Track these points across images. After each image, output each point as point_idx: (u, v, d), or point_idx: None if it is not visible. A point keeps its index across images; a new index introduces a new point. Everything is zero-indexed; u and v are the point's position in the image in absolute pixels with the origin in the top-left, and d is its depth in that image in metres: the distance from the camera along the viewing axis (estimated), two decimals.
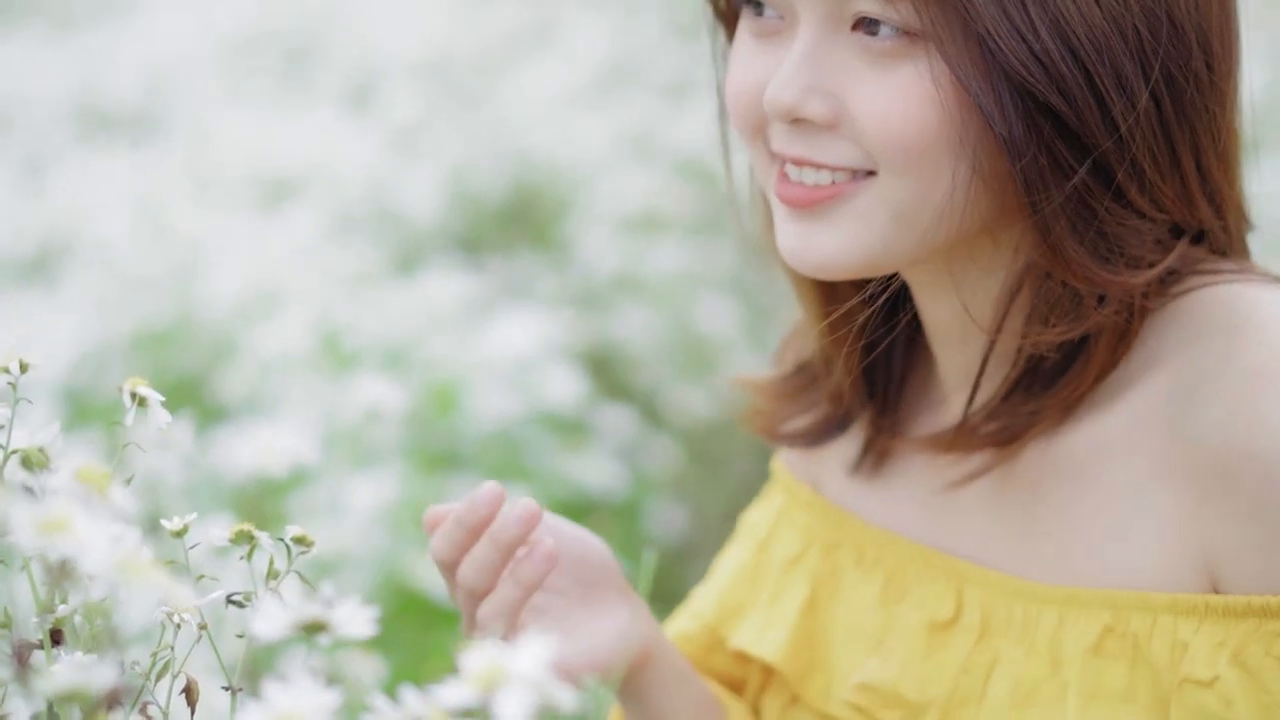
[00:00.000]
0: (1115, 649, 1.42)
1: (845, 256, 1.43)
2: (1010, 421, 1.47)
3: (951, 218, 1.41)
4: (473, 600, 1.49)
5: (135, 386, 1.17)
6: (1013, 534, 1.51)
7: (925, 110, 1.38)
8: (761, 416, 1.70)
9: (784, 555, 1.67)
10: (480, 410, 3.33)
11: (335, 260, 3.69)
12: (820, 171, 1.42)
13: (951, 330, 1.53)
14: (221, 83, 5.12)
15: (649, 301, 4.16)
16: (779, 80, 1.41)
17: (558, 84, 4.80)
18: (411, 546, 2.98)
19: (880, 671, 1.54)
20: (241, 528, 1.18)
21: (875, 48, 1.39)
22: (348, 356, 3.37)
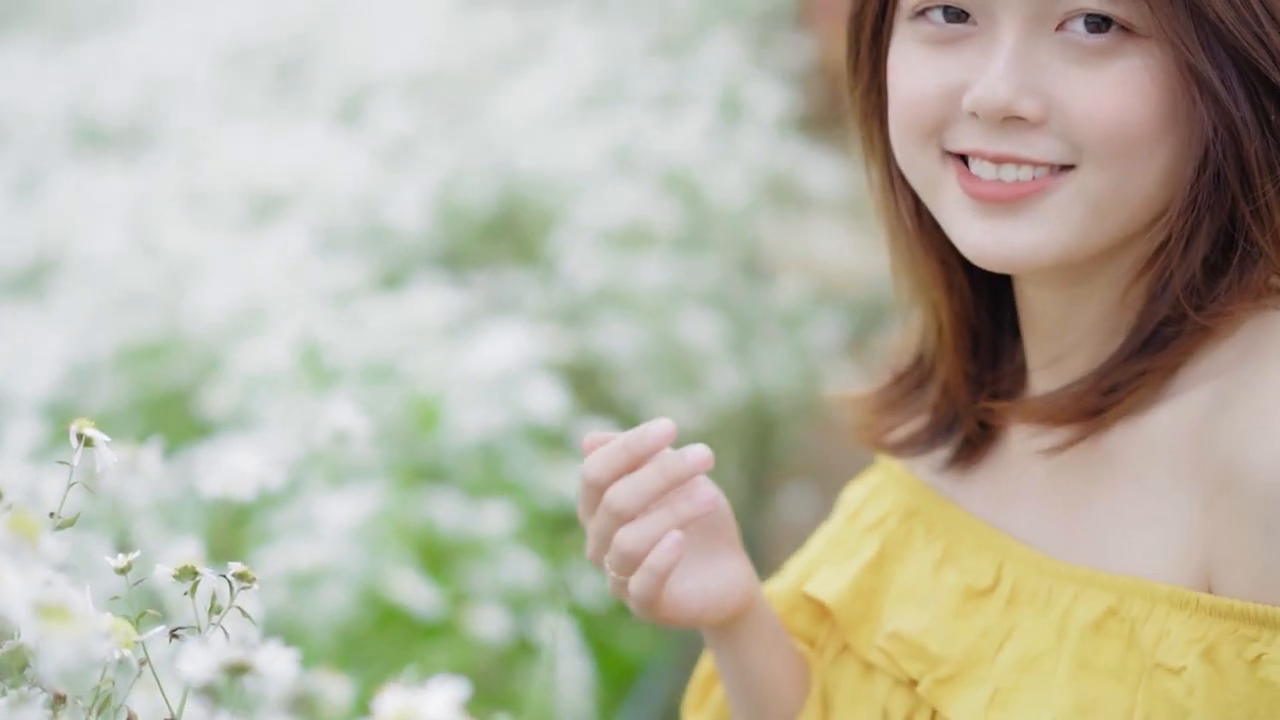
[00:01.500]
0: (1114, 629, 1.50)
1: (1042, 250, 1.51)
2: (1125, 384, 1.55)
3: (1134, 210, 1.50)
4: (616, 522, 1.59)
5: (82, 428, 1.22)
6: (1059, 518, 1.60)
7: (1138, 103, 1.46)
8: (866, 429, 1.78)
9: (868, 520, 1.77)
10: (462, 424, 3.37)
11: (322, 275, 3.73)
12: (1021, 168, 1.50)
13: (1051, 316, 1.61)
14: (214, 97, 5.15)
15: (633, 315, 4.19)
16: (990, 80, 1.48)
17: (545, 99, 4.84)
18: (391, 561, 3.02)
19: (911, 624, 1.64)
20: (185, 564, 1.22)
21: (1085, 44, 1.48)
22: (332, 372, 3.41)
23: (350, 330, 3.50)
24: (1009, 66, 1.48)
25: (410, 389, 3.43)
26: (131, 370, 3.60)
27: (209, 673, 1.04)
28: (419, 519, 3.22)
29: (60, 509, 1.17)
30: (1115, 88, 1.47)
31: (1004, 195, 1.50)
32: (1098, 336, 1.59)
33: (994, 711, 1.55)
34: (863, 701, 1.69)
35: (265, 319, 3.55)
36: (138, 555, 1.25)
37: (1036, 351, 1.65)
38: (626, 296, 4.22)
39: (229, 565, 1.27)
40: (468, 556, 3.24)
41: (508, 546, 3.25)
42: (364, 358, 3.45)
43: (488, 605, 3.13)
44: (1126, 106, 1.47)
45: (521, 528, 3.33)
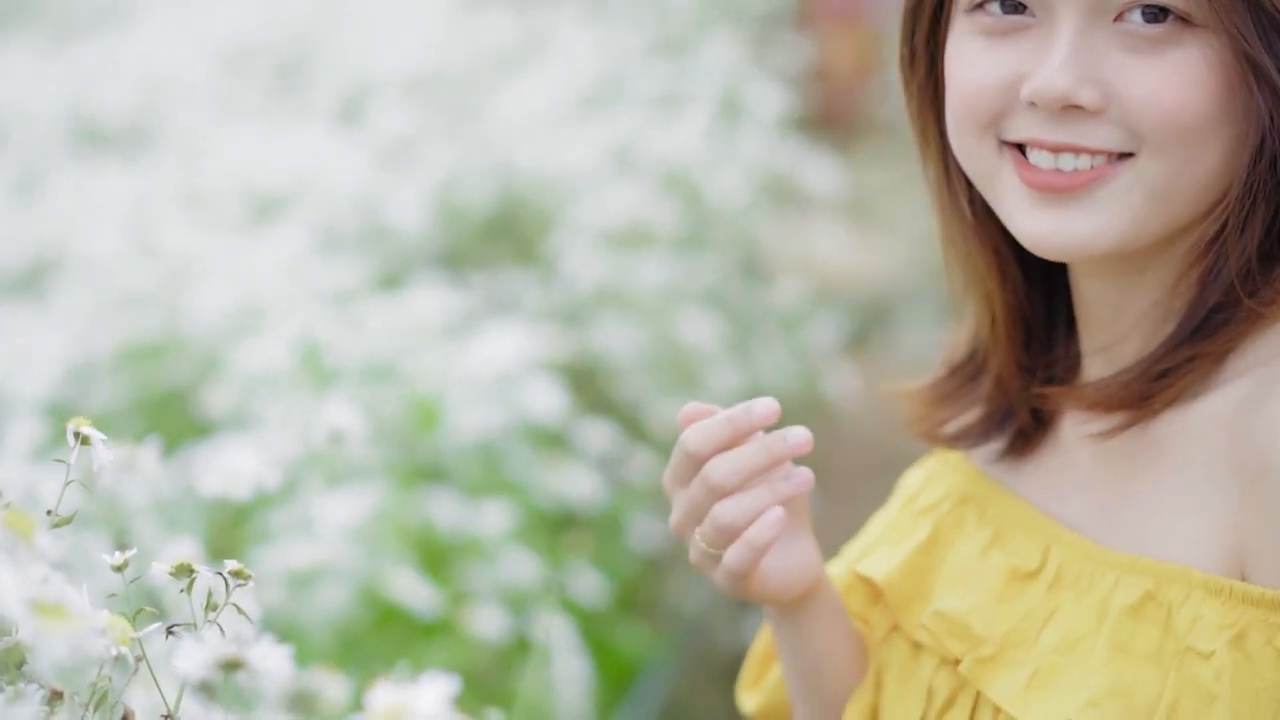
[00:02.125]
0: (1152, 614, 1.53)
1: (1100, 238, 1.54)
2: (1175, 370, 1.58)
3: (1191, 197, 1.53)
4: (714, 495, 1.60)
5: (79, 426, 1.22)
6: (1104, 505, 1.63)
7: (1195, 92, 1.49)
8: (922, 421, 1.81)
9: (923, 504, 1.79)
10: (462, 424, 3.38)
11: (322, 276, 3.74)
12: (1079, 157, 1.53)
13: (1104, 304, 1.64)
14: (214, 98, 5.16)
15: (632, 315, 4.21)
16: (1049, 70, 1.51)
17: (544, 99, 4.85)
18: (390, 560, 3.03)
19: (956, 603, 1.67)
20: (182, 561, 1.22)
21: (1142, 34, 1.51)
22: (332, 372, 3.42)
23: (350, 330, 3.51)
24: (1068, 56, 1.51)
25: (410, 389, 3.44)
26: (131, 370, 3.61)
27: (204, 669, 1.05)
28: (418, 518, 3.23)
29: (58, 508, 1.18)
30: (1173, 76, 1.50)
31: (1062, 184, 1.53)
32: (1150, 324, 1.62)
33: (1033, 692, 1.58)
34: (911, 680, 1.72)
35: (265, 319, 3.56)
36: (135, 553, 1.26)
37: (1089, 339, 1.68)
38: (626, 296, 4.23)
39: (225, 563, 1.28)
40: (467, 556, 3.25)
41: (506, 546, 3.26)
42: (363, 358, 3.46)
43: (487, 604, 3.15)
44: (1184, 95, 1.50)
45: (520, 527, 3.34)
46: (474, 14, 5.84)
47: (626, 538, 3.85)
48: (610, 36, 5.57)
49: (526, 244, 4.52)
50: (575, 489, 3.57)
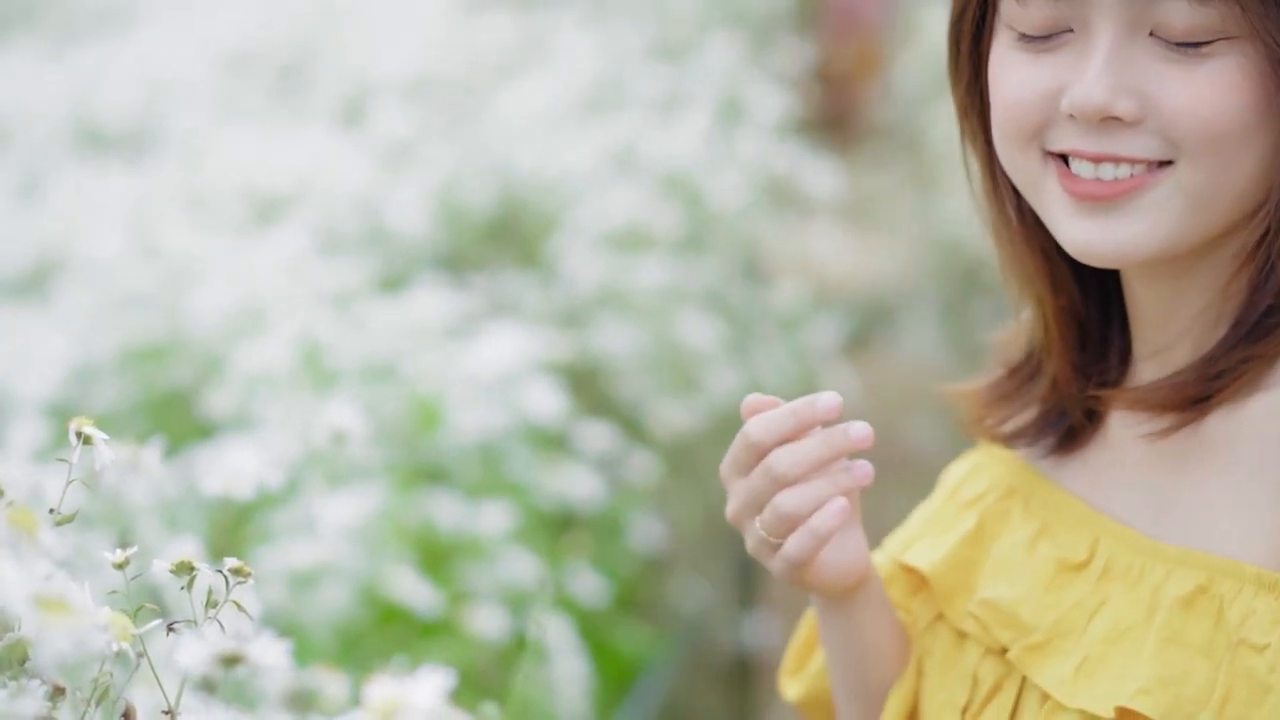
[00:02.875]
0: (1204, 607, 1.57)
1: (1143, 244, 1.58)
2: (1229, 371, 1.61)
3: (1229, 203, 1.57)
4: (776, 485, 1.63)
5: (81, 425, 1.24)
6: (1153, 500, 1.66)
7: (1231, 100, 1.53)
8: (978, 421, 1.84)
9: (967, 496, 1.83)
10: (462, 424, 3.39)
11: (323, 277, 3.75)
12: (1119, 166, 1.56)
13: (1155, 312, 1.67)
14: (215, 100, 5.18)
15: (632, 317, 4.22)
16: (1087, 83, 1.55)
17: (545, 101, 4.87)
18: (391, 560, 3.05)
19: (1005, 593, 1.70)
20: (182, 559, 1.24)
21: (1176, 49, 1.54)
22: (333, 373, 3.43)
23: (351, 331, 3.53)
24: (1105, 69, 1.55)
25: (410, 390, 3.45)
26: (133, 371, 3.63)
27: (204, 664, 1.06)
28: (419, 518, 3.24)
29: (60, 506, 1.20)
30: (1209, 85, 1.53)
31: (1104, 193, 1.57)
32: (1201, 326, 1.64)
33: (1081, 679, 1.61)
34: (954, 669, 1.75)
35: (266, 320, 3.57)
36: (136, 551, 1.27)
37: (1142, 342, 1.71)
38: (626, 298, 4.24)
39: (225, 560, 1.29)
40: (467, 556, 3.26)
41: (507, 546, 3.27)
42: (364, 359, 3.47)
43: (487, 604, 3.16)
44: (1220, 104, 1.53)
45: (520, 528, 3.36)
46: (474, 16, 5.85)
47: (626, 538, 3.87)
48: (610, 39, 5.59)
49: (527, 245, 4.53)
50: (575, 489, 3.58)
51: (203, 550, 1.91)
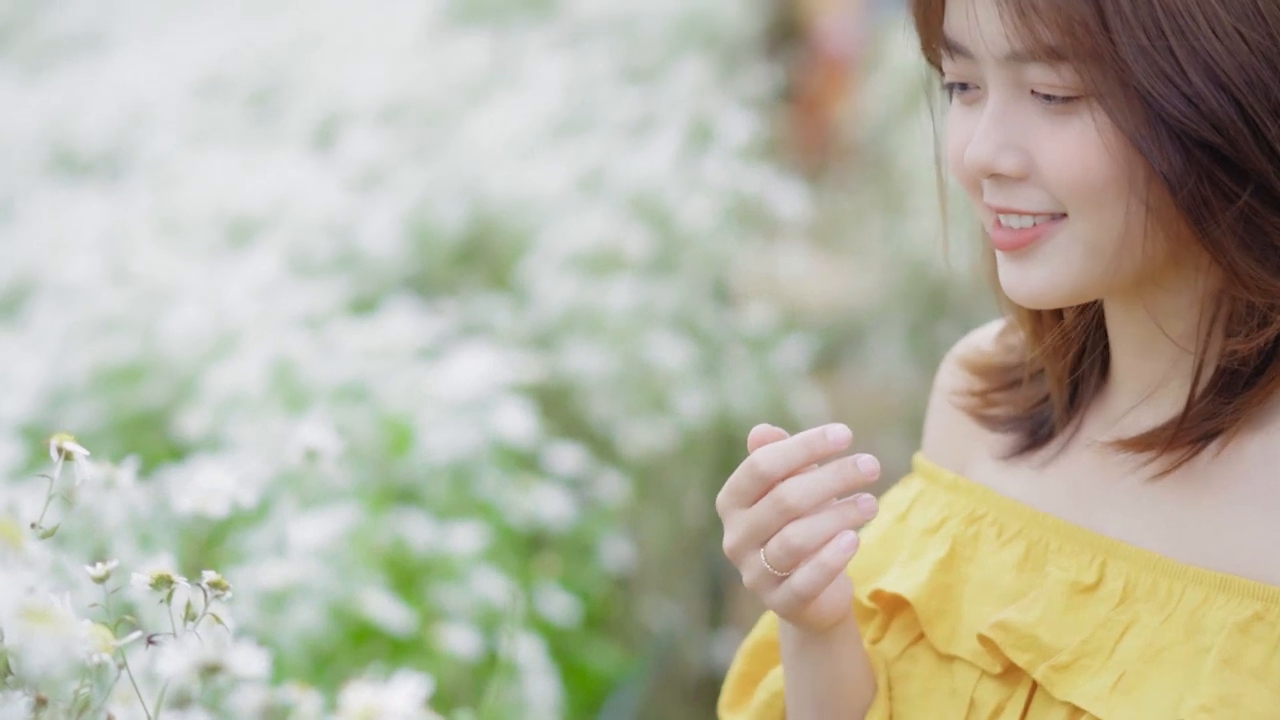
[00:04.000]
0: (1261, 633, 1.58)
1: (1053, 289, 1.61)
2: (1218, 418, 1.63)
3: (1134, 250, 1.58)
4: (785, 517, 1.61)
5: (63, 442, 1.27)
6: (1166, 520, 1.67)
7: (1097, 158, 1.55)
8: (975, 395, 1.85)
9: (922, 524, 1.83)
10: (434, 445, 3.42)
11: (295, 299, 3.78)
12: (1022, 217, 1.60)
13: (1139, 343, 1.69)
14: (188, 125, 5.20)
15: (602, 339, 4.25)
16: (974, 141, 1.60)
17: (515, 125, 4.90)
18: (363, 579, 3.07)
19: (1020, 616, 1.70)
20: (161, 573, 1.27)
21: (1051, 106, 1.57)
22: (305, 394, 3.46)
23: (322, 353, 3.55)
24: (990, 127, 1.59)
25: (382, 411, 3.48)
26: (107, 392, 3.65)
27: (185, 672, 1.09)
28: (391, 538, 3.27)
29: (41, 520, 1.22)
30: (1075, 144, 1.56)
31: (1009, 242, 1.61)
32: (1184, 369, 1.66)
33: (1119, 696, 1.62)
34: (937, 692, 1.76)
35: (238, 342, 3.60)
36: (116, 565, 1.30)
37: (1128, 373, 1.73)
38: (596, 320, 4.27)
39: (204, 574, 1.32)
40: (438, 575, 3.29)
41: (478, 566, 3.30)
42: (336, 380, 3.49)
43: (458, 623, 3.19)
44: (1085, 162, 1.55)
45: (491, 547, 3.39)
46: (445, 42, 5.89)
47: (596, 558, 3.89)
48: (580, 63, 5.62)
49: (497, 268, 4.56)
50: (545, 509, 3.61)
51: (176, 569, 1.94)
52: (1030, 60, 1.56)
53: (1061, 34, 1.54)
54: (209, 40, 6.00)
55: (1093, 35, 1.53)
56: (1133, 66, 1.52)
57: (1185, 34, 1.52)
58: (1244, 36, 1.52)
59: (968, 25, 1.60)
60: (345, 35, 6.00)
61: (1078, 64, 1.54)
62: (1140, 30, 1.52)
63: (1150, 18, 1.52)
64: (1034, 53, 1.55)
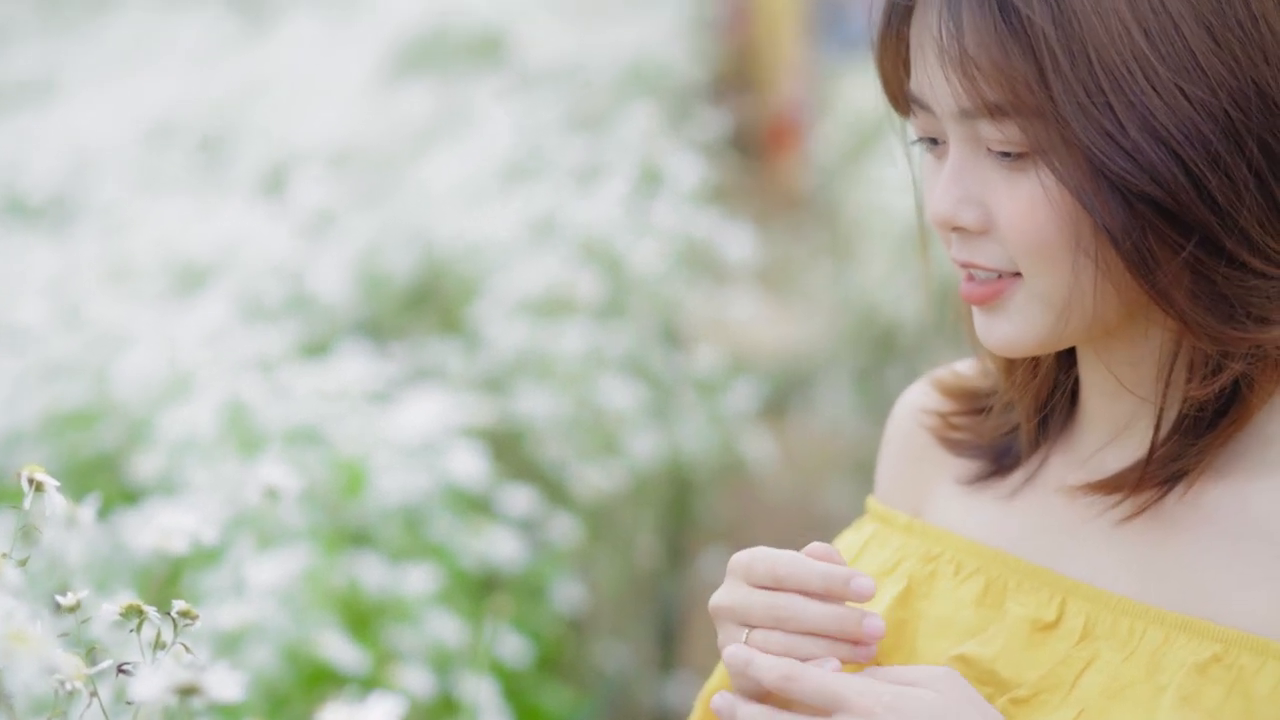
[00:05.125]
0: (1219, 675, 1.59)
1: (1019, 341, 1.64)
2: (1183, 460, 1.64)
3: (1086, 305, 1.60)
4: (770, 621, 1.59)
5: (33, 473, 1.28)
6: (1131, 561, 1.68)
7: (1044, 214, 1.57)
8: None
9: (876, 566, 1.83)
10: (386, 488, 3.43)
11: (246, 344, 3.79)
12: (987, 272, 1.63)
13: (1105, 387, 1.71)
14: (137, 171, 5.21)
15: (553, 382, 4.27)
16: (936, 196, 1.63)
17: (465, 171, 4.92)
18: (317, 621, 3.08)
19: (980, 650, 1.71)
20: (131, 603, 1.28)
21: (1005, 163, 1.59)
22: (257, 438, 3.46)
23: (275, 396, 3.56)
24: (949, 181, 1.62)
25: (334, 454, 3.49)
26: (58, 437, 3.65)
27: (160, 696, 1.10)
28: (345, 580, 3.27)
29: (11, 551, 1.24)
30: (1025, 201, 1.58)
31: (976, 296, 1.64)
32: (1152, 411, 1.67)
33: None
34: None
35: (191, 386, 3.60)
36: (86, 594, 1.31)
37: (1097, 412, 1.74)
38: (546, 363, 4.29)
39: (173, 604, 1.33)
40: (392, 617, 3.30)
41: (431, 607, 3.31)
42: (288, 424, 3.50)
43: (412, 664, 3.19)
44: (1035, 218, 1.57)
45: (444, 589, 3.40)
46: (393, 88, 5.91)
47: (548, 600, 3.91)
48: (529, 109, 5.66)
49: (448, 312, 4.58)
50: (498, 551, 3.62)
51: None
52: (979, 117, 1.59)
53: (1004, 92, 1.56)
54: (158, 87, 6.01)
55: (1034, 93, 1.55)
56: (1073, 123, 1.54)
57: (1123, 90, 1.54)
58: (1183, 91, 1.54)
59: (927, 83, 1.63)
60: (294, 82, 6.02)
61: (1021, 121, 1.56)
62: (1079, 87, 1.54)
63: (1089, 74, 1.54)
64: (980, 110, 1.58)
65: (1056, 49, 1.55)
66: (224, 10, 7.64)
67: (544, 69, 6.62)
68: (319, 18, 7.21)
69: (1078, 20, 1.55)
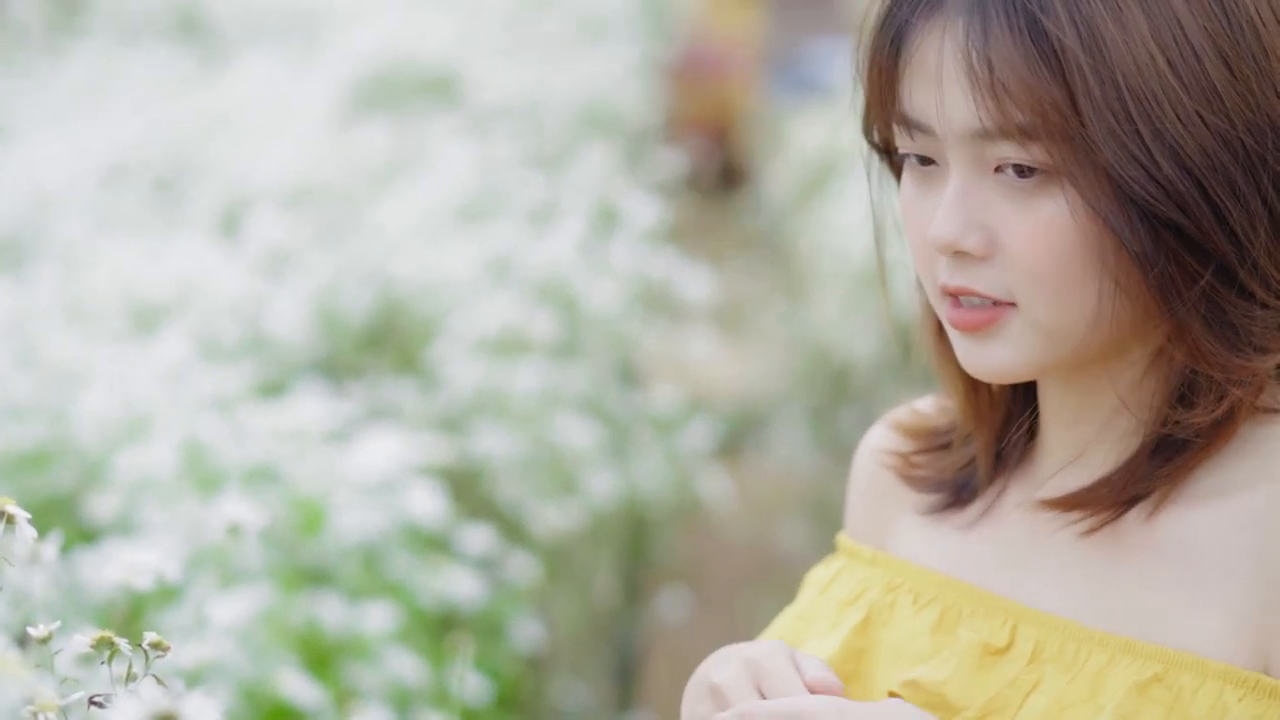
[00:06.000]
0: (1158, 695, 1.61)
1: (1013, 368, 1.65)
2: (1149, 482, 1.66)
3: (1098, 329, 1.62)
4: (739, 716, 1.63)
5: (4, 505, 1.28)
6: (1085, 584, 1.70)
7: (1066, 238, 1.58)
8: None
9: (841, 597, 1.86)
10: (345, 527, 3.44)
11: (204, 383, 3.79)
12: (981, 298, 1.63)
13: (1072, 412, 1.72)
14: (93, 211, 5.21)
15: (510, 421, 4.28)
16: (939, 219, 1.62)
17: (422, 210, 4.94)
18: (277, 660, 3.08)
19: (930, 674, 1.73)
20: (103, 634, 1.28)
21: (1017, 185, 1.60)
22: (215, 477, 3.46)
23: (233, 436, 3.56)
24: (954, 204, 1.62)
25: (293, 493, 3.49)
26: (15, 477, 3.64)
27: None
28: (304, 619, 3.27)
29: None
30: (1040, 226, 1.59)
31: (968, 323, 1.64)
32: (1118, 430, 1.70)
33: None
34: None
35: (149, 426, 3.60)
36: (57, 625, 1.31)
37: (1055, 438, 1.76)
38: (504, 402, 4.30)
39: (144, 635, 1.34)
40: (352, 655, 3.30)
41: (390, 646, 3.31)
42: (247, 462, 3.50)
43: (371, 703, 3.19)
44: (1050, 244, 1.59)
45: (403, 628, 3.40)
46: (350, 127, 5.92)
47: (507, 638, 3.91)
48: (485, 150, 5.67)
49: (405, 351, 4.59)
50: (456, 590, 3.62)
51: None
52: (1000, 138, 1.59)
53: (1032, 114, 1.57)
54: (114, 127, 6.01)
55: (1064, 116, 1.57)
56: (1103, 148, 1.56)
57: (1150, 117, 1.56)
58: (1204, 120, 1.57)
59: (933, 103, 1.62)
60: (249, 121, 6.03)
61: (1047, 144, 1.57)
62: (1109, 112, 1.56)
63: (1118, 100, 1.56)
64: (1005, 131, 1.58)
65: (1088, 73, 1.57)
66: (178, 50, 7.65)
67: (497, 110, 6.64)
68: (273, 56, 7.22)
69: (1107, 47, 1.57)
